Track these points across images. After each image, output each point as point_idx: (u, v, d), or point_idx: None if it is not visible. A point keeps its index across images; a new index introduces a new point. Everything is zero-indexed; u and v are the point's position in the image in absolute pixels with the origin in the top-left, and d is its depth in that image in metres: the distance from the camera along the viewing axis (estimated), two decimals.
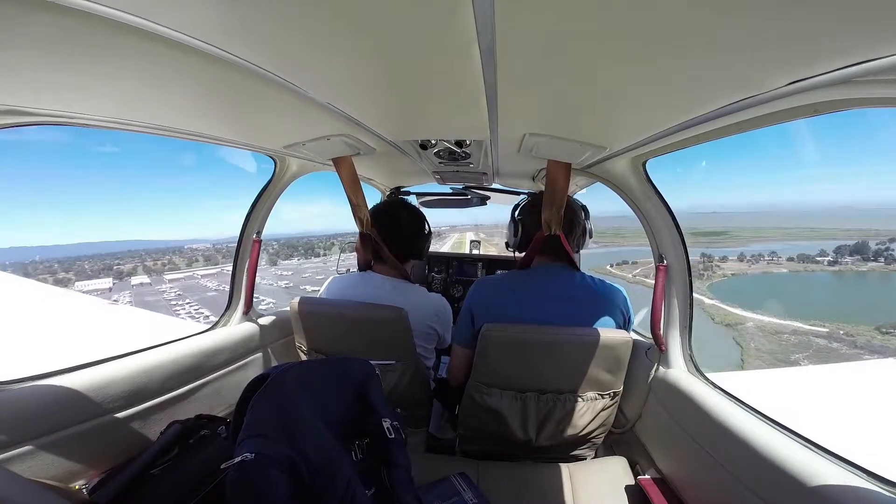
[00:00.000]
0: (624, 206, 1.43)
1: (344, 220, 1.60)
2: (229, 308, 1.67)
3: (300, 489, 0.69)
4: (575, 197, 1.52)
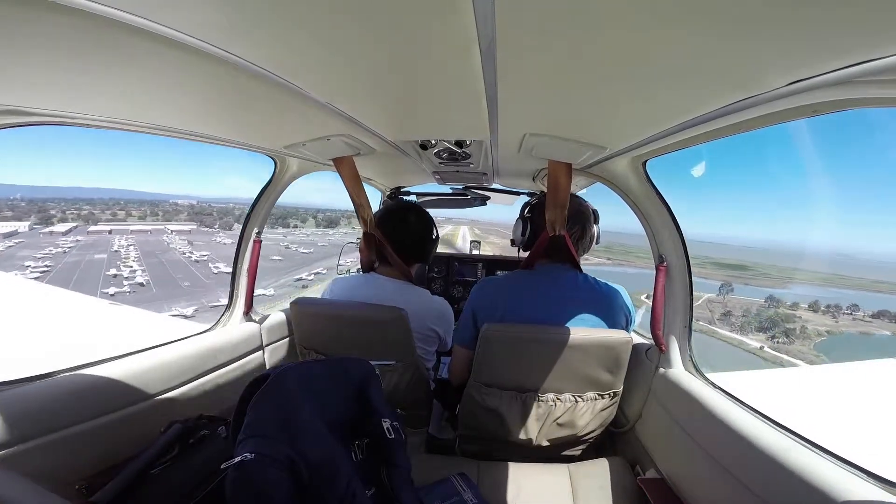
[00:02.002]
0: (635, 222, 1.42)
1: (341, 200, 1.58)
2: (229, 308, 1.67)
3: (300, 489, 0.69)
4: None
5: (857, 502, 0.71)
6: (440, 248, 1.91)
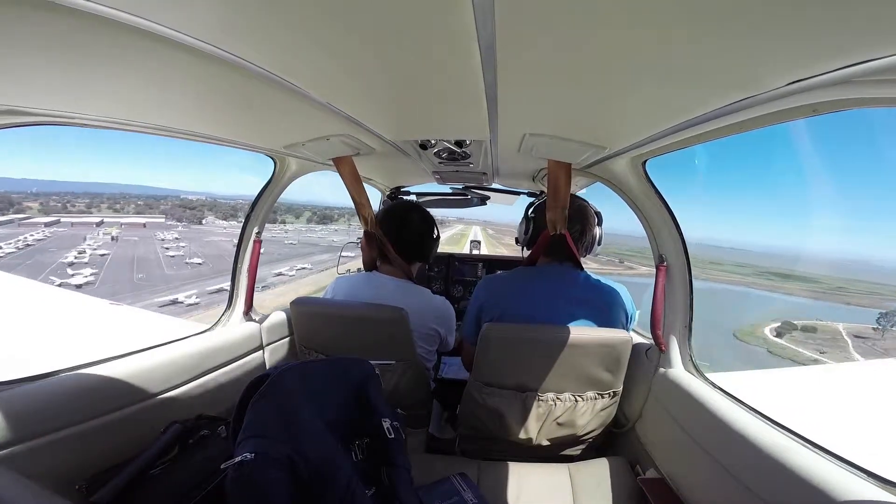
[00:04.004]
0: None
1: (334, 197, 1.56)
2: (229, 308, 1.66)
3: (300, 489, 0.69)
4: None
5: (857, 502, 0.71)
6: (441, 248, 1.91)
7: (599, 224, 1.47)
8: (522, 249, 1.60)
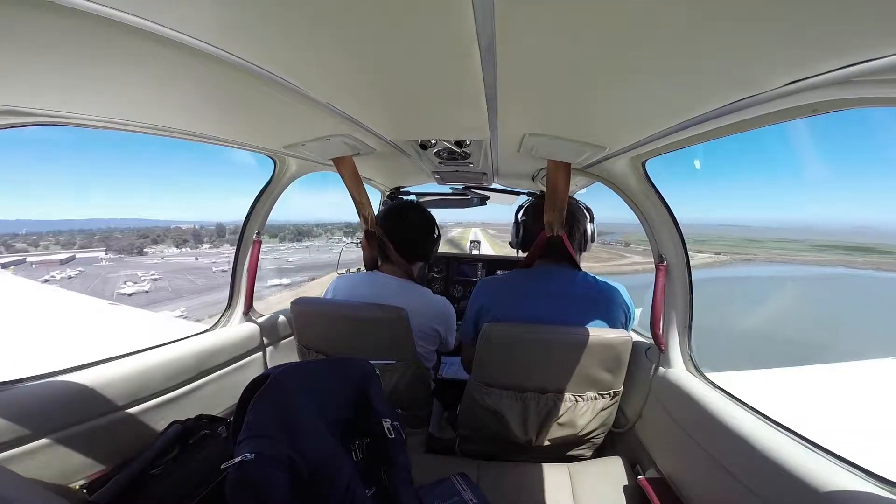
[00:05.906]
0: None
1: (349, 213, 1.58)
2: (229, 308, 1.67)
3: (300, 489, 0.69)
4: (577, 197, 1.53)
5: (857, 501, 0.71)
6: (441, 248, 1.92)
7: (591, 220, 1.46)
8: (518, 252, 1.61)
